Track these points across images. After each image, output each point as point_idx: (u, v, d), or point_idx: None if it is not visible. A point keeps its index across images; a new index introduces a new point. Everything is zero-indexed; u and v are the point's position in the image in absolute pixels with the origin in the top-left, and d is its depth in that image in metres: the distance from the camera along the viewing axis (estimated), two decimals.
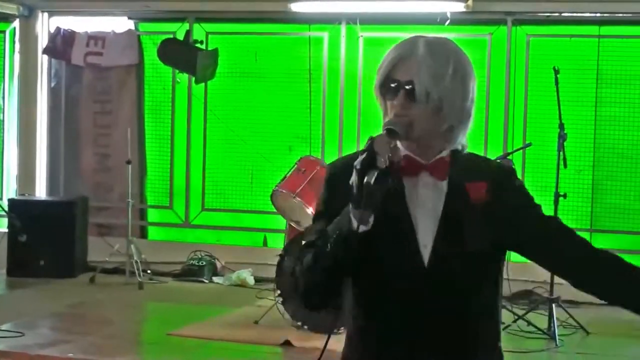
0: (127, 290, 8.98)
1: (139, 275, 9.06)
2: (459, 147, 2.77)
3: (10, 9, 10.26)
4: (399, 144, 2.70)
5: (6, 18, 10.44)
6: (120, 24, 10.30)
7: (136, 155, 9.86)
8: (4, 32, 10.55)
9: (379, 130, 2.64)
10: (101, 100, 10.41)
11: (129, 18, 10.33)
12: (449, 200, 2.71)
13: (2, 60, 10.56)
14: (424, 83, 2.66)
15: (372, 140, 2.58)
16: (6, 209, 9.43)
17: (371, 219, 2.58)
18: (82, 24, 10.37)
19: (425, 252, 2.70)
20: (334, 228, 2.62)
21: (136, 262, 9.10)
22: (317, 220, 2.78)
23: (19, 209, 9.39)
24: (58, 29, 10.31)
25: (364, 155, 2.55)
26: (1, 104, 10.56)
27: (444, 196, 2.73)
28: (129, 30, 10.25)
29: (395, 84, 2.70)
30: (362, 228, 2.56)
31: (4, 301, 8.73)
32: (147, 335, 7.99)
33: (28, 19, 10.40)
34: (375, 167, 2.54)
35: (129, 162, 9.22)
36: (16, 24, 10.51)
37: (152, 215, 10.48)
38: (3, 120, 10.55)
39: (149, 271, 9.42)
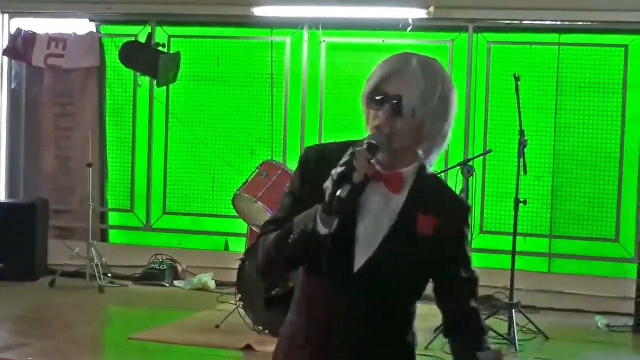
0: (88, 294, 8.95)
1: (100, 278, 9.03)
2: (427, 165, 2.90)
3: None
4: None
5: None
6: (82, 26, 10.25)
7: (97, 158, 9.81)
8: None
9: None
10: (62, 103, 10.35)
11: (91, 20, 10.29)
12: (399, 222, 2.85)
13: None
14: (412, 100, 2.77)
15: (353, 153, 2.69)
16: None
17: (335, 224, 2.70)
18: (43, 26, 10.32)
19: (360, 259, 2.84)
20: (299, 222, 2.75)
21: (97, 265, 9.07)
22: (286, 197, 2.94)
23: None
24: (19, 30, 10.25)
25: (342, 168, 2.66)
26: None
27: (396, 215, 2.86)
28: (91, 33, 10.21)
29: (383, 96, 2.79)
30: (326, 231, 2.70)
31: None
32: (108, 339, 7.96)
33: None
34: (351, 181, 2.65)
35: (90, 165, 9.19)
36: None
37: (113, 218, 10.44)
38: None
39: (109, 275, 9.38)
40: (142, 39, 9.68)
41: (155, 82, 9.64)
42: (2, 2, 10.30)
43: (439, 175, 4.52)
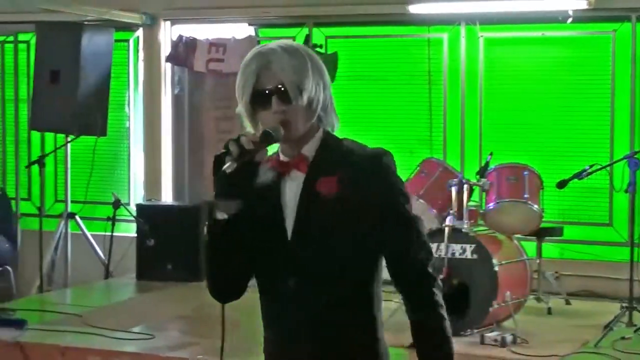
0: (250, 293, 9.03)
1: None
2: (329, 129, 2.96)
3: (134, 18, 10.47)
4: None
5: (129, 27, 10.66)
6: (241, 30, 10.42)
7: None
8: (127, 41, 10.79)
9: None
10: (223, 106, 10.53)
11: (250, 24, 10.44)
12: (302, 195, 2.87)
13: (127, 68, 10.80)
14: (293, 81, 2.83)
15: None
16: (134, 214, 9.65)
17: (231, 207, 2.86)
18: (203, 31, 10.53)
19: (290, 249, 2.91)
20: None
21: None
22: None
23: (147, 215, 9.59)
24: (180, 36, 10.49)
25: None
26: (127, 112, 10.79)
27: (300, 190, 2.89)
28: (250, 36, 10.36)
29: (266, 92, 2.84)
30: (224, 216, 2.87)
31: (134, 304, 8.90)
32: None
33: (151, 27, 10.60)
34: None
35: None
36: (139, 33, 10.73)
37: None
38: (129, 128, 10.78)
39: None
40: (300, 41, 9.77)
41: None
42: (164, 10, 10.56)
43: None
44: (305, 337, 2.91)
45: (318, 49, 9.65)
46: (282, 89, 2.83)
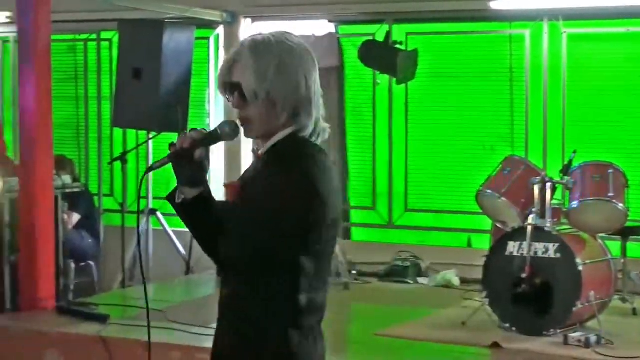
0: (333, 291, 9.01)
1: (345, 276, 9.13)
2: (300, 128, 2.98)
3: (214, 15, 10.54)
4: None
5: (210, 25, 10.72)
6: (321, 27, 10.42)
7: (338, 156, 9.94)
8: (208, 38, 10.86)
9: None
10: None
11: (330, 21, 10.44)
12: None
13: (207, 66, 10.87)
14: (249, 83, 2.92)
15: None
16: None
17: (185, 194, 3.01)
18: (283, 29, 10.50)
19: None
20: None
21: (341, 262, 9.17)
22: None
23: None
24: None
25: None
26: (207, 109, 10.86)
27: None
28: (330, 34, 10.35)
29: (229, 87, 2.98)
30: (180, 199, 3.05)
31: (215, 301, 8.91)
32: (354, 336, 8.03)
33: (231, 25, 10.65)
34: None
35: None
36: (220, 30, 10.79)
37: (356, 216, 10.54)
38: (209, 125, 10.84)
39: (354, 272, 9.47)
40: (380, 38, 9.74)
41: (394, 80, 9.68)
42: (244, 8, 10.61)
43: None
44: (226, 332, 3.15)
45: (398, 46, 9.61)
46: (239, 90, 2.94)
